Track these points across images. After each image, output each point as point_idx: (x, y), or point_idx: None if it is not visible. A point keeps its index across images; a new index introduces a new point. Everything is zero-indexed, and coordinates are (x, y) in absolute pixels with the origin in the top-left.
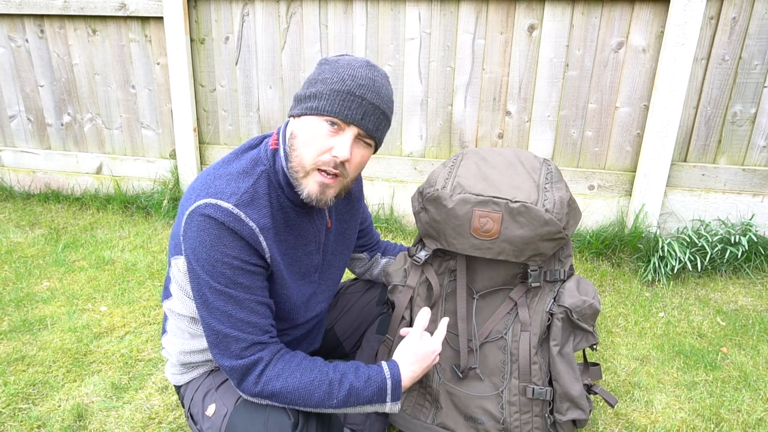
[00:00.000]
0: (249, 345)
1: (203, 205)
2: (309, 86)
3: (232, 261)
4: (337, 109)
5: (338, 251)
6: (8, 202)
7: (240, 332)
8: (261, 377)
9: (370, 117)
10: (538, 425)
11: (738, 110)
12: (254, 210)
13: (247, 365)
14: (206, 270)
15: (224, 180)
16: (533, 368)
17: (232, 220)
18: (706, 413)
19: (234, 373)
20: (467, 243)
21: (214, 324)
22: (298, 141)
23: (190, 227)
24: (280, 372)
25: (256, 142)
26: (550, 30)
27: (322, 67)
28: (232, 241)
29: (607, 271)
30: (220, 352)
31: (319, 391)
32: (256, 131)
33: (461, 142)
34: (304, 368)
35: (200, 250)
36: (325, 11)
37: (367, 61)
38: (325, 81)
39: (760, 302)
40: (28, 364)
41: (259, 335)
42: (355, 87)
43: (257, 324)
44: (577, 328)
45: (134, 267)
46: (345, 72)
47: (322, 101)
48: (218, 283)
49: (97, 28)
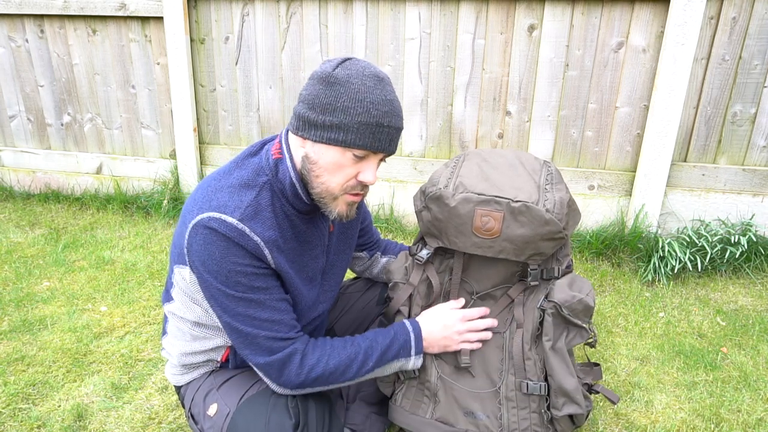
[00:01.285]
0: (279, 340)
1: (207, 219)
2: (326, 113)
3: (245, 269)
4: (368, 143)
5: (341, 251)
6: (8, 202)
7: (268, 331)
8: (302, 367)
9: (394, 140)
10: (535, 421)
11: (738, 110)
12: (258, 223)
13: (282, 359)
14: (220, 281)
15: (227, 193)
16: (527, 364)
17: (236, 235)
18: (706, 413)
19: (270, 368)
20: (469, 241)
21: (241, 327)
22: (322, 169)
23: (195, 240)
24: (319, 358)
25: (255, 149)
26: (550, 30)
27: (334, 89)
28: (240, 251)
29: (607, 271)
30: (251, 352)
31: (356, 362)
32: (256, 131)
33: (461, 142)
34: (338, 347)
35: (210, 262)
36: (325, 11)
37: (375, 75)
38: (347, 111)
39: (760, 302)
40: (28, 364)
41: (286, 331)
42: (381, 116)
43: (282, 321)
44: (570, 324)
45: (134, 267)
46: (366, 99)
47: (350, 135)
48: (236, 291)
49: (97, 28)
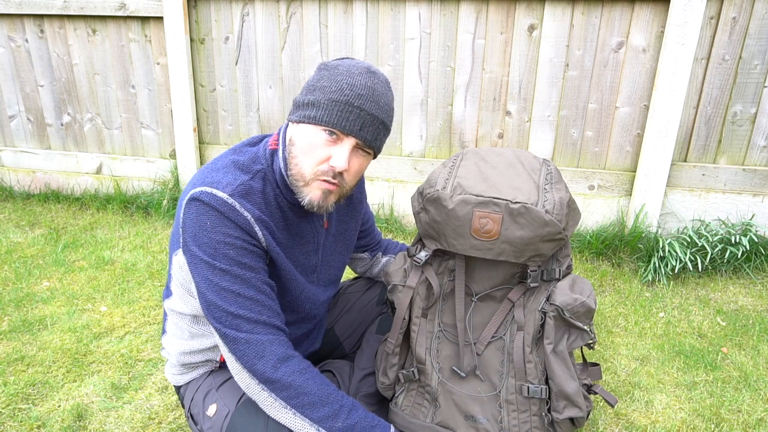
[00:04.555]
0: (262, 324)
1: (199, 192)
2: (308, 93)
3: (235, 241)
4: (335, 120)
5: (337, 251)
6: (8, 202)
7: (251, 312)
8: (283, 364)
9: (368, 128)
10: (536, 424)
11: (738, 110)
12: (249, 202)
13: (262, 342)
14: (208, 253)
15: (221, 172)
16: (528, 367)
17: (227, 210)
18: (706, 413)
19: (248, 348)
20: (467, 244)
21: (224, 305)
22: (297, 149)
23: (188, 214)
24: (305, 369)
25: (255, 140)
26: (550, 30)
27: (321, 72)
28: (231, 224)
29: (607, 271)
30: (232, 329)
31: (330, 406)
32: (256, 131)
33: (461, 142)
34: (325, 381)
35: (201, 234)
36: (325, 11)
37: (367, 67)
38: (324, 89)
39: (761, 302)
40: (28, 364)
41: (269, 315)
42: (354, 97)
43: (267, 304)
44: (572, 327)
45: (134, 267)
46: (343, 81)
47: (320, 111)
48: (222, 263)
49: (97, 28)
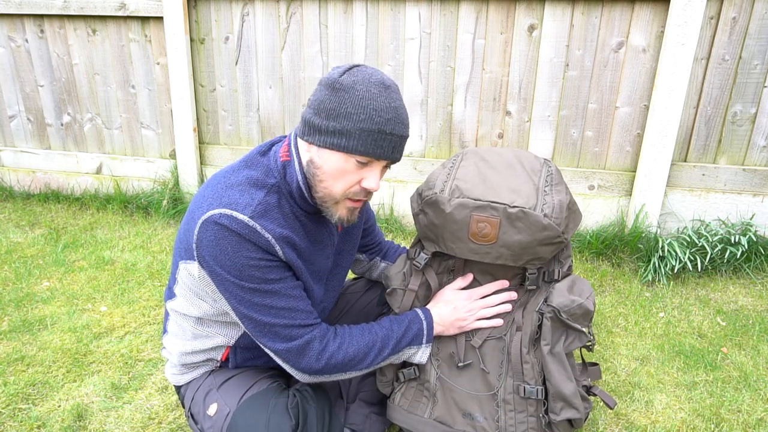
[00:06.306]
0: (298, 327)
1: (218, 215)
2: (330, 118)
3: (258, 263)
4: (370, 149)
5: (345, 251)
6: (8, 202)
7: (286, 319)
8: (323, 353)
9: (398, 149)
10: (533, 425)
11: (738, 110)
12: (268, 221)
13: (301, 345)
14: (234, 275)
15: (237, 190)
16: (525, 367)
17: (248, 232)
18: (706, 413)
19: (290, 354)
20: (465, 247)
21: (258, 317)
22: (325, 174)
23: (205, 236)
24: (339, 345)
25: (264, 149)
26: (550, 30)
27: (339, 96)
28: (252, 247)
29: (607, 271)
30: (270, 339)
31: (374, 350)
32: (256, 131)
33: (461, 142)
34: (356, 335)
35: (222, 257)
36: (325, 11)
37: (381, 81)
38: (350, 117)
39: (761, 302)
40: (28, 364)
41: (303, 318)
42: (384, 123)
43: (299, 308)
44: (569, 328)
45: (134, 267)
46: (369, 106)
47: (352, 141)
48: (251, 283)
49: (97, 28)
